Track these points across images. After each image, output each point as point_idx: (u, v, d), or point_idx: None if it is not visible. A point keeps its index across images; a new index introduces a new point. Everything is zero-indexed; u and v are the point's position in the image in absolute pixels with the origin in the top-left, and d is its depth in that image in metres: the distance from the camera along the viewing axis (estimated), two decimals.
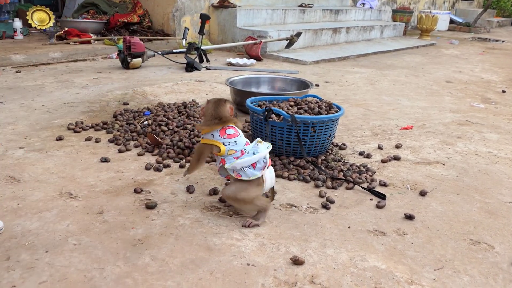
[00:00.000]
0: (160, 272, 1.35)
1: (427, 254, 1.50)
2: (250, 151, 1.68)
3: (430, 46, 7.36)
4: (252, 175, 1.64)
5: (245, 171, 1.64)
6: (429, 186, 2.02)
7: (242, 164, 1.64)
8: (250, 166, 1.65)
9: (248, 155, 1.66)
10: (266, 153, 1.68)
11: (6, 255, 1.40)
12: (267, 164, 1.67)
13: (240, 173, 1.65)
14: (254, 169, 1.65)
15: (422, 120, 3.08)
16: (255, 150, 1.67)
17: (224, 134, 1.71)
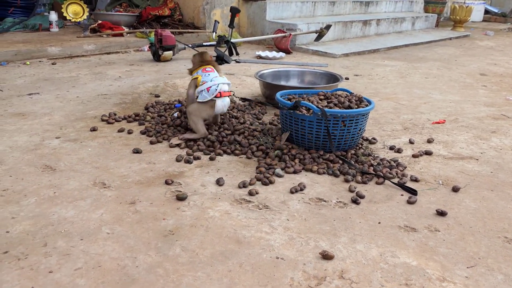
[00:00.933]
0: (190, 263, 1.38)
1: (459, 251, 1.48)
2: (210, 80, 2.33)
3: (464, 38, 7.17)
4: (203, 98, 2.32)
5: (201, 94, 2.33)
6: (462, 182, 1.99)
7: (200, 88, 2.34)
8: (205, 90, 2.31)
9: (207, 84, 2.32)
10: (221, 84, 2.33)
11: (43, 241, 1.45)
12: (219, 92, 2.31)
13: (198, 96, 2.35)
14: (207, 93, 2.30)
15: (455, 114, 3.02)
16: (214, 80, 2.33)
17: (204, 71, 2.40)
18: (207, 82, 2.32)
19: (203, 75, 2.37)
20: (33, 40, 4.71)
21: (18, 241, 1.45)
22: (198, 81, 2.36)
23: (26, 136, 2.33)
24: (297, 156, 2.13)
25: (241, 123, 2.57)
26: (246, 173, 2.01)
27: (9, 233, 1.49)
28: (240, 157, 2.17)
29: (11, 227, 1.53)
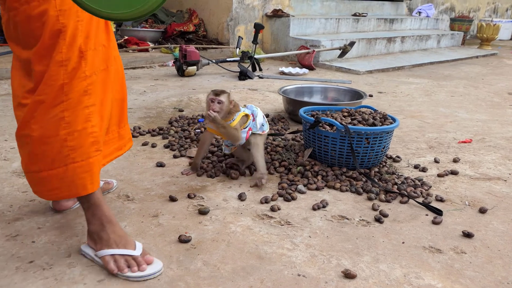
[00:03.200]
0: (211, 277, 1.37)
1: (487, 275, 1.44)
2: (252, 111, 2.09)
3: (491, 56, 7.08)
4: (266, 127, 2.14)
5: (263, 125, 2.11)
6: (490, 203, 1.94)
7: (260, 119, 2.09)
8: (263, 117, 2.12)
9: (255, 112, 2.08)
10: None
11: (68, 252, 1.47)
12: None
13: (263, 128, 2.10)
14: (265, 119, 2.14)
15: (482, 133, 2.96)
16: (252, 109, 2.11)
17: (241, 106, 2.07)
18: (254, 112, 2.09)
19: (245, 110, 2.06)
20: None
21: (44, 251, 1.47)
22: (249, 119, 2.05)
23: None
24: (320, 172, 2.12)
25: None
26: (268, 188, 2.00)
27: (34, 243, 1.52)
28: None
29: (36, 237, 1.55)
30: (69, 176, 1.35)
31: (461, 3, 9.52)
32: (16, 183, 1.96)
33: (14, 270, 1.37)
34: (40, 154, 1.34)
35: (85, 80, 1.33)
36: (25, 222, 1.65)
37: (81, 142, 1.34)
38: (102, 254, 1.40)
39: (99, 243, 1.43)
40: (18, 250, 1.47)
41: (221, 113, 1.93)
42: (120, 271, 1.36)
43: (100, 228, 1.43)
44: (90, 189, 1.39)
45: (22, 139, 1.36)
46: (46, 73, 1.29)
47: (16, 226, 1.62)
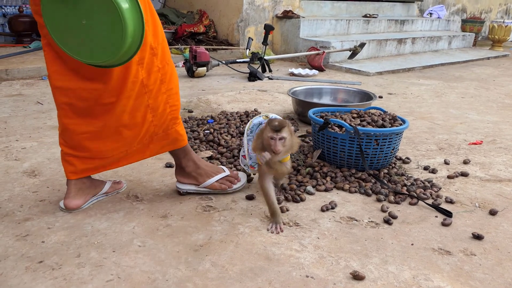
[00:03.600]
0: (220, 278, 1.37)
1: (496, 277, 1.42)
2: None
3: (503, 58, 7.01)
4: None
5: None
6: (500, 205, 1.92)
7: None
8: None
9: None
10: None
11: (77, 252, 1.48)
12: None
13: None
14: None
15: (493, 135, 2.94)
16: None
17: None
18: None
19: None
20: None
21: (53, 251, 1.48)
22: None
23: None
24: (329, 174, 2.11)
25: None
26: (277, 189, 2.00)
27: (44, 243, 1.53)
28: None
29: (46, 237, 1.57)
30: (153, 144, 1.74)
31: (473, 4, 9.45)
32: (27, 183, 1.98)
33: (24, 270, 1.38)
34: (128, 137, 1.69)
35: (159, 72, 1.62)
36: (35, 222, 1.66)
37: (162, 120, 1.70)
38: (210, 183, 1.87)
39: (200, 177, 1.87)
40: (28, 250, 1.48)
41: (283, 152, 1.59)
42: (229, 187, 1.90)
43: (196, 167, 1.86)
44: (181, 144, 1.81)
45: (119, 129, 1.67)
46: (128, 72, 1.55)
47: (26, 226, 1.63)
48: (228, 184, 1.90)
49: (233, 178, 1.92)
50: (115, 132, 1.68)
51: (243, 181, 1.95)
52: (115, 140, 1.70)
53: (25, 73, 4.15)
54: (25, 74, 4.14)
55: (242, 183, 1.95)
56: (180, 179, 1.90)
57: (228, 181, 1.90)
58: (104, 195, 1.88)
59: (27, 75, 4.15)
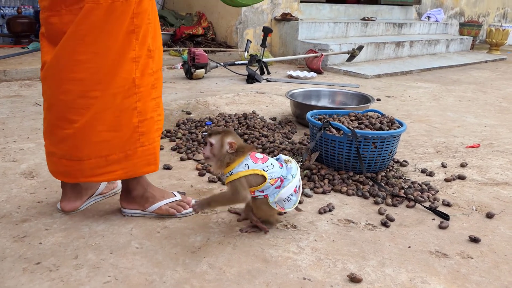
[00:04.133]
0: (217, 280, 1.38)
1: (493, 280, 1.43)
2: (287, 174, 1.58)
3: (500, 61, 7.03)
4: (295, 203, 1.59)
5: (290, 201, 1.58)
6: (497, 209, 1.93)
7: (287, 193, 1.56)
8: (293, 192, 1.58)
9: (288, 180, 1.56)
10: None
11: (74, 253, 1.48)
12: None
13: (284, 206, 1.59)
14: (295, 194, 1.59)
15: (490, 138, 2.95)
16: (291, 172, 1.59)
17: (257, 159, 1.56)
18: (286, 180, 1.57)
19: (264, 167, 1.55)
20: None
21: (50, 252, 1.48)
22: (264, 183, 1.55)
23: None
24: (327, 176, 2.12)
25: (271, 142, 2.58)
26: None
27: (41, 244, 1.53)
28: None
29: (44, 238, 1.57)
30: (137, 157, 1.59)
31: (471, 8, 9.48)
32: (25, 185, 1.98)
33: (21, 271, 1.38)
34: (111, 140, 1.54)
35: (152, 75, 1.56)
36: (32, 223, 1.66)
37: (149, 129, 1.58)
38: (157, 207, 1.72)
39: (146, 202, 1.72)
40: (26, 251, 1.48)
41: (213, 160, 1.55)
42: (179, 212, 1.73)
43: (143, 191, 1.72)
44: (153, 169, 1.65)
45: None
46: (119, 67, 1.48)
47: (23, 227, 1.63)
48: (177, 209, 1.73)
49: (184, 203, 1.75)
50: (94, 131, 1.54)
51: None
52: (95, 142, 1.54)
53: (23, 74, 4.14)
54: (23, 75, 4.14)
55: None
56: (123, 204, 1.74)
57: (179, 206, 1.74)
58: (101, 196, 1.87)
59: (25, 76, 4.15)
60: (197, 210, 1.58)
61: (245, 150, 1.54)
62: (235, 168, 1.53)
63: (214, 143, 1.53)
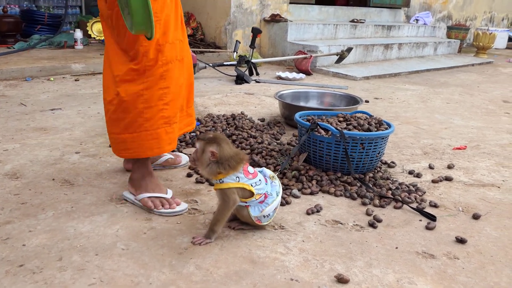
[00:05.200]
0: (204, 281, 1.36)
1: (479, 281, 1.43)
2: (271, 191, 1.61)
3: (487, 64, 7.11)
4: (270, 218, 1.63)
5: (268, 217, 1.62)
6: (483, 210, 1.94)
7: (270, 210, 1.59)
8: (273, 210, 1.62)
9: (272, 197, 1.60)
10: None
11: (59, 255, 1.46)
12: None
13: (262, 220, 1.61)
14: (274, 211, 1.63)
15: (477, 140, 2.97)
16: (276, 190, 1.63)
17: (248, 174, 1.56)
18: (270, 197, 1.60)
19: (253, 183, 1.56)
20: (57, 57, 4.83)
21: (34, 254, 1.46)
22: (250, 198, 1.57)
23: (47, 151, 2.37)
24: (315, 177, 2.11)
25: (259, 142, 2.57)
26: None
27: (25, 246, 1.51)
28: None
29: (27, 240, 1.54)
30: (140, 140, 1.72)
31: (458, 12, 9.57)
32: (8, 186, 1.95)
33: (4, 274, 1.35)
34: (119, 120, 1.72)
35: (162, 67, 1.67)
36: (16, 225, 1.64)
37: (153, 115, 1.70)
38: (142, 197, 1.79)
39: (139, 189, 1.81)
40: (8, 254, 1.46)
41: (200, 165, 1.57)
42: (156, 208, 1.76)
43: (141, 177, 1.83)
44: (157, 152, 1.76)
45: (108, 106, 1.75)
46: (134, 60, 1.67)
47: (6, 229, 1.60)
48: (156, 204, 1.76)
49: (167, 202, 1.77)
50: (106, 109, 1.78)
51: (178, 209, 1.76)
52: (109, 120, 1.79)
53: (9, 74, 4.09)
54: (9, 75, 4.09)
55: (175, 210, 1.75)
56: (128, 185, 1.89)
57: (160, 203, 1.77)
58: (160, 166, 2.16)
59: (10, 76, 4.09)
60: (204, 242, 1.56)
61: (238, 164, 1.53)
62: (226, 178, 1.53)
63: (198, 149, 1.55)
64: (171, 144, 1.77)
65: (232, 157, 1.53)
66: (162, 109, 1.71)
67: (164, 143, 1.75)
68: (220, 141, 1.53)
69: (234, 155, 1.54)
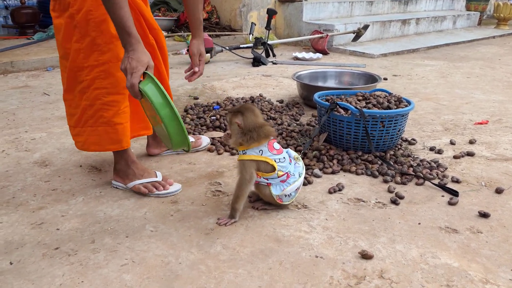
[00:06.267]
0: (231, 260, 1.41)
1: (503, 254, 1.45)
2: (294, 172, 1.63)
3: (508, 36, 6.95)
4: (292, 198, 1.66)
5: (289, 196, 1.65)
6: (506, 184, 1.94)
7: (291, 190, 1.62)
8: (296, 190, 1.65)
9: (294, 178, 1.62)
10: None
11: (91, 238, 1.52)
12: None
13: (282, 199, 1.64)
14: (296, 191, 1.65)
15: (499, 114, 2.94)
16: (299, 171, 1.65)
17: (273, 149, 1.58)
18: (292, 177, 1.61)
19: (276, 159, 1.58)
20: None
21: (68, 238, 1.52)
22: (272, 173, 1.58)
23: None
24: (335, 156, 2.13)
25: (279, 124, 2.59)
26: None
27: (59, 230, 1.57)
28: None
29: (61, 224, 1.60)
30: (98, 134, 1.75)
31: None
32: (39, 173, 2.02)
33: (41, 257, 1.42)
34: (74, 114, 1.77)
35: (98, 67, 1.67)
36: (49, 210, 1.70)
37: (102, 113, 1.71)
38: (133, 185, 1.83)
39: (127, 178, 1.84)
40: (44, 238, 1.52)
41: (231, 137, 1.62)
42: (150, 192, 1.81)
43: (126, 167, 1.85)
44: (117, 147, 1.79)
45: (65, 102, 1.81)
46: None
47: (40, 214, 1.67)
48: (149, 189, 1.80)
49: (159, 185, 1.82)
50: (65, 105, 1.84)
51: (173, 189, 1.83)
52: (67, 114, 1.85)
53: (30, 64, 4.17)
54: (30, 65, 4.17)
55: (170, 191, 1.82)
56: (113, 175, 1.91)
57: (153, 187, 1.81)
58: (175, 152, 2.22)
59: (32, 66, 4.17)
60: (229, 222, 1.61)
61: (261, 138, 1.56)
62: (249, 150, 1.57)
63: (228, 120, 1.62)
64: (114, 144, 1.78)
65: (256, 129, 1.55)
66: (103, 109, 1.72)
67: (104, 142, 1.77)
68: (245, 111, 1.56)
69: (258, 127, 1.55)
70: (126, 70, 1.49)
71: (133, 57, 1.48)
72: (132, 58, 1.48)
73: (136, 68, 1.47)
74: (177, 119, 1.46)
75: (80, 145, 1.81)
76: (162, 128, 1.49)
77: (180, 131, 1.47)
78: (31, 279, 1.32)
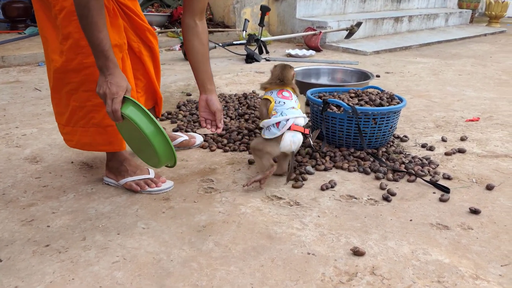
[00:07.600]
0: (223, 257, 1.41)
1: (493, 250, 1.46)
2: (281, 113, 1.86)
3: (500, 34, 6.99)
4: (272, 134, 1.83)
5: (269, 130, 1.84)
6: (497, 180, 1.95)
7: (268, 123, 1.85)
8: (274, 125, 1.84)
9: (276, 116, 1.85)
10: (293, 118, 1.83)
11: (82, 235, 1.51)
12: (288, 126, 1.82)
13: (264, 132, 1.87)
14: (276, 128, 1.82)
15: (490, 111, 2.96)
16: (285, 113, 1.86)
17: (280, 94, 1.93)
18: (277, 116, 1.84)
19: (277, 101, 1.90)
20: None
21: (59, 235, 1.51)
22: (270, 108, 1.89)
23: None
24: (328, 153, 2.14)
25: None
26: None
27: (49, 227, 1.56)
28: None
29: (51, 221, 1.59)
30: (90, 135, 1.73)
31: None
32: (29, 170, 2.00)
33: (31, 254, 1.41)
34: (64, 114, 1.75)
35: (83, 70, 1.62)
36: (39, 207, 1.69)
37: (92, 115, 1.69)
38: (125, 182, 1.82)
39: (119, 175, 1.84)
40: (34, 235, 1.51)
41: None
42: (142, 189, 1.80)
43: (118, 164, 1.84)
44: (109, 149, 1.79)
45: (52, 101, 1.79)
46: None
47: (31, 211, 1.66)
48: (141, 186, 1.80)
49: (151, 182, 1.82)
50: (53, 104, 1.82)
51: (166, 186, 1.83)
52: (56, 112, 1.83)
53: (22, 59, 4.13)
54: (22, 60, 4.13)
55: (162, 188, 1.82)
56: (105, 172, 1.90)
57: (145, 184, 1.81)
58: (176, 148, 2.19)
59: (23, 61, 4.14)
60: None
61: (271, 85, 1.99)
62: (267, 92, 1.99)
63: (272, 70, 2.06)
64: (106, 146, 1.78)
65: (273, 79, 2.00)
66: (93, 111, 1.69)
67: (96, 143, 1.76)
68: (278, 65, 2.06)
69: (274, 79, 2.00)
70: (105, 95, 1.45)
71: (112, 81, 1.45)
72: (112, 83, 1.45)
73: (117, 93, 1.45)
74: (163, 134, 1.48)
75: (73, 144, 1.79)
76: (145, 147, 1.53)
77: (167, 146, 1.50)
78: (21, 276, 1.31)
